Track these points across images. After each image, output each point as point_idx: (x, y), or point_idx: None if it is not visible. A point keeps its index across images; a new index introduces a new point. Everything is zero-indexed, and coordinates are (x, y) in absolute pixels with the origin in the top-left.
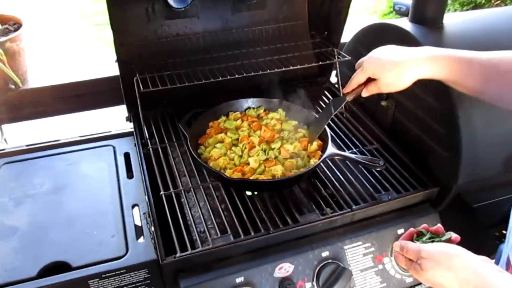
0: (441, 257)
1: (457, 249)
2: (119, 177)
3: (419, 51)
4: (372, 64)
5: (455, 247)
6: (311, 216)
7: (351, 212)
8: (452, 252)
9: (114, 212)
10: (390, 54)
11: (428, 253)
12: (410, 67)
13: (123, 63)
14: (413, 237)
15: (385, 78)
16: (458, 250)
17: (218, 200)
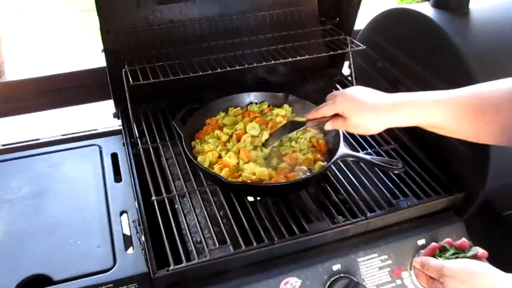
0: (465, 275)
1: (483, 266)
2: (106, 181)
3: (388, 97)
4: (345, 102)
5: (481, 265)
6: (321, 224)
7: (366, 220)
8: (477, 270)
9: (100, 219)
10: (366, 96)
11: (451, 270)
12: (379, 113)
13: (111, 53)
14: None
15: (354, 119)
16: (484, 268)
17: (216, 206)
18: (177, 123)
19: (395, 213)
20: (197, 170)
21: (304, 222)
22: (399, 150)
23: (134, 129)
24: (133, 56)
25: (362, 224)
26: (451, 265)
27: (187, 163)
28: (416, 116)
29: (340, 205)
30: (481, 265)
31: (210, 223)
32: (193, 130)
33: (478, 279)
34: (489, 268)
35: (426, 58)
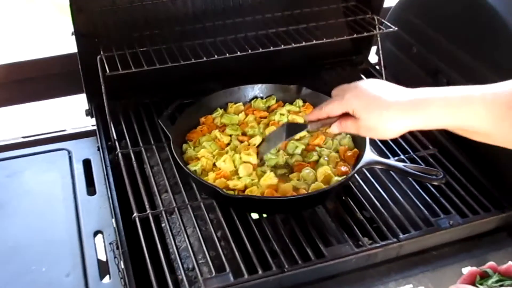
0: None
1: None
2: (77, 194)
3: (409, 93)
4: (357, 99)
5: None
6: (342, 248)
7: (398, 243)
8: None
9: (69, 241)
10: (381, 91)
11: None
12: (398, 113)
13: (83, 36)
14: (475, 279)
15: (367, 120)
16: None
17: (213, 225)
18: (164, 122)
19: (434, 234)
20: (189, 180)
21: (321, 245)
22: (439, 156)
23: (111, 130)
24: (110, 39)
25: (393, 247)
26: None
27: (176, 171)
28: (442, 116)
29: (365, 224)
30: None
31: (205, 246)
32: (184, 131)
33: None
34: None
35: (476, 44)
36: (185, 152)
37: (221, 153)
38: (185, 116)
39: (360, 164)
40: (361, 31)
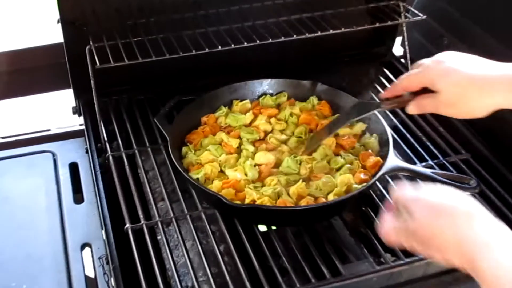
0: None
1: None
2: (62, 202)
3: (500, 67)
4: (437, 68)
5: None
6: (361, 265)
7: (425, 260)
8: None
9: (53, 255)
10: (465, 64)
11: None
12: (488, 88)
13: (70, 24)
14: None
15: (448, 93)
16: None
17: (215, 238)
18: (161, 122)
19: None
20: (188, 187)
21: (337, 262)
22: (472, 162)
23: (101, 130)
24: (101, 28)
25: (419, 265)
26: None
27: (174, 177)
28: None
29: None
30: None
31: (206, 261)
32: (183, 132)
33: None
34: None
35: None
36: (184, 157)
37: (230, 160)
38: (184, 115)
39: (383, 170)
40: (384, 20)
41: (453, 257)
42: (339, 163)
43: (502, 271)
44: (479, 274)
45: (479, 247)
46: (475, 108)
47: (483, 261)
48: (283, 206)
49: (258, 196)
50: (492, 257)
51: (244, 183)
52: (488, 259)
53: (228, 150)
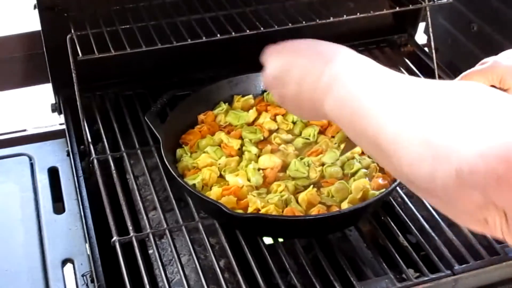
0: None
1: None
2: (40, 212)
3: None
4: (503, 64)
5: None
6: (380, 282)
7: (452, 276)
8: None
9: (30, 272)
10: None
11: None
12: None
13: (48, 9)
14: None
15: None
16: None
17: (214, 252)
18: (152, 120)
19: (500, 266)
20: (183, 194)
21: (353, 278)
22: None
23: (84, 130)
24: (83, 14)
25: (446, 282)
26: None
27: (167, 183)
28: None
29: (411, 251)
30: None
31: (204, 278)
32: (178, 131)
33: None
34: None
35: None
36: (179, 160)
37: (230, 163)
38: (179, 112)
39: None
40: (405, 3)
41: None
42: (354, 167)
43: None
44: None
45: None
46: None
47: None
48: (291, 215)
49: (262, 205)
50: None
51: (247, 190)
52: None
53: (229, 152)
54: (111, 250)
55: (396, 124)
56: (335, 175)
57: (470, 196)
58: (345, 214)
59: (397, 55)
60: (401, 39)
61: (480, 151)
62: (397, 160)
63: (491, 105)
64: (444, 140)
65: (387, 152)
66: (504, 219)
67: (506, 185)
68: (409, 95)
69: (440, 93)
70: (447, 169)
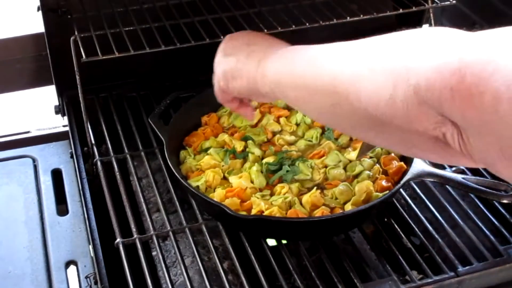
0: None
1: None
2: (44, 214)
3: None
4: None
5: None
6: (384, 284)
7: (456, 277)
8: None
9: (34, 274)
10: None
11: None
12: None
13: (52, 11)
14: None
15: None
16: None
17: (218, 254)
18: (156, 122)
19: (504, 267)
20: (187, 196)
21: (357, 280)
22: None
23: (88, 132)
24: (87, 16)
25: (450, 283)
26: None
27: (171, 185)
28: None
29: (414, 253)
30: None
31: (207, 280)
32: (182, 133)
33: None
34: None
35: None
36: (183, 162)
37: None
38: (182, 114)
39: (407, 176)
40: (409, 5)
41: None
42: (357, 169)
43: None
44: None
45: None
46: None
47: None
48: (295, 217)
49: (266, 206)
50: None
51: (251, 192)
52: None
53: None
54: (114, 252)
55: (355, 63)
56: (338, 177)
57: (428, 113)
58: (349, 216)
59: None
60: None
61: (436, 66)
62: (356, 96)
63: (446, 31)
64: (403, 61)
65: (345, 93)
66: (459, 134)
67: (458, 96)
68: (362, 42)
69: (393, 34)
70: (406, 89)
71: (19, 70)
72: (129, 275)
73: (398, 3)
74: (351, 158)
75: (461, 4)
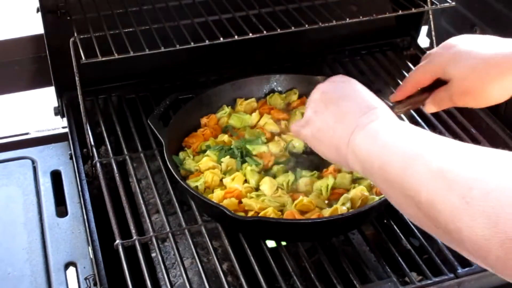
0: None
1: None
2: (43, 215)
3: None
4: (446, 56)
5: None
6: (384, 286)
7: (456, 279)
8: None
9: (33, 276)
10: (478, 45)
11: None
12: (504, 68)
13: (51, 13)
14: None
15: (462, 80)
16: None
17: (217, 255)
18: (155, 124)
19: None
20: (186, 197)
21: (356, 282)
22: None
23: (87, 133)
24: (87, 18)
25: (450, 285)
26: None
27: (170, 186)
28: None
29: (414, 254)
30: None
31: (207, 282)
32: (181, 135)
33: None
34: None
35: None
36: (182, 163)
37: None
38: (181, 116)
39: None
40: (408, 7)
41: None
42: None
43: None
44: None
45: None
46: (494, 94)
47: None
48: (294, 219)
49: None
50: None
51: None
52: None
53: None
54: (114, 253)
55: (454, 192)
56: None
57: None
58: (348, 217)
59: (400, 58)
60: (404, 42)
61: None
62: (456, 228)
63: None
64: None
65: (443, 224)
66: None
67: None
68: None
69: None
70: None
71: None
72: (129, 276)
73: (397, 5)
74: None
75: (460, 5)
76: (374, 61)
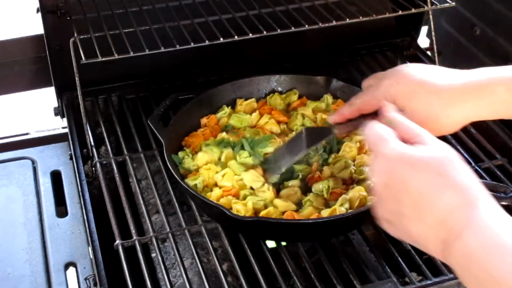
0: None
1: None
2: (43, 215)
3: (464, 75)
4: (397, 84)
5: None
6: (384, 286)
7: (456, 279)
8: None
9: (33, 276)
10: (428, 74)
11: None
12: (454, 99)
13: (51, 13)
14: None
15: (413, 111)
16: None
17: (217, 256)
18: (155, 124)
19: None
20: (186, 198)
21: (356, 282)
22: (509, 167)
23: (87, 134)
24: (87, 18)
25: (450, 285)
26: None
27: (170, 186)
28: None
29: (414, 254)
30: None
31: (207, 282)
32: (181, 135)
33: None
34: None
35: None
36: (182, 162)
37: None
38: (181, 116)
39: None
40: (408, 7)
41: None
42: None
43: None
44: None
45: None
46: (445, 124)
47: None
48: (293, 219)
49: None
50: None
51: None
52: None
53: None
54: (114, 253)
55: None
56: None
57: None
58: (348, 217)
59: (400, 59)
60: (404, 43)
61: None
62: None
63: None
64: None
65: None
66: None
67: None
68: None
69: None
70: None
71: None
72: (129, 276)
73: (397, 5)
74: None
75: (460, 6)
76: (374, 62)
